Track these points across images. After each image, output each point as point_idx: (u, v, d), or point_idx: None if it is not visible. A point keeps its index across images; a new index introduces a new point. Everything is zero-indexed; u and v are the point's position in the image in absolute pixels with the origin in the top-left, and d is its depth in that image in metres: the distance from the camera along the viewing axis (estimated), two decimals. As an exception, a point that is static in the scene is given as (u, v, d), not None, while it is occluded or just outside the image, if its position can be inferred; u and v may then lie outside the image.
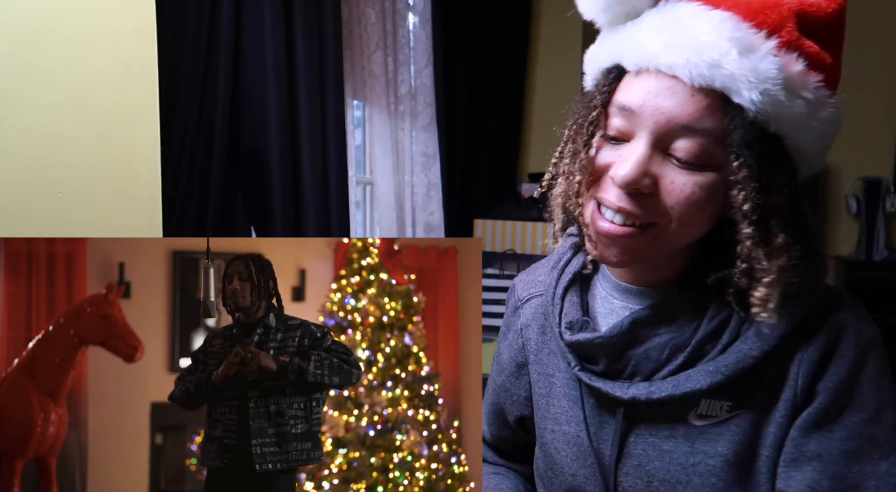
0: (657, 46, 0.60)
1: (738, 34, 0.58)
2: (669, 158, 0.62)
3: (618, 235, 0.64)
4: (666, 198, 0.62)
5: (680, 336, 0.67)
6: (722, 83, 0.58)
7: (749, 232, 0.60)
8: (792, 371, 0.65)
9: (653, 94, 0.61)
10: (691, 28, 0.59)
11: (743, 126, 0.58)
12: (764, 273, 0.61)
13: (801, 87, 0.59)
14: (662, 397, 0.66)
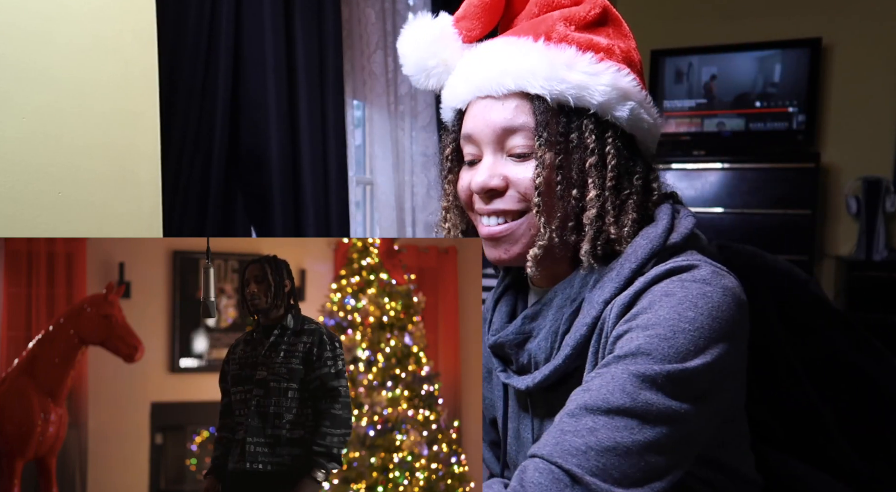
0: (464, 82, 0.77)
1: (513, 47, 0.74)
2: (510, 157, 0.75)
3: (497, 234, 0.76)
4: (518, 188, 0.74)
5: (556, 322, 0.75)
6: (515, 84, 0.73)
7: (536, 201, 0.71)
8: (605, 317, 0.70)
9: (479, 115, 0.76)
10: (481, 58, 0.77)
11: (545, 111, 0.72)
12: (580, 228, 0.73)
13: (576, 65, 0.72)
14: (541, 381, 0.74)
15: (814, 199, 3.34)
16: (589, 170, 0.73)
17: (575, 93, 0.71)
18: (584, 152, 0.73)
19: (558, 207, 0.73)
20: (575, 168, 0.73)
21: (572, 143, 0.73)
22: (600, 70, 0.72)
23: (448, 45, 0.80)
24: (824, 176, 3.57)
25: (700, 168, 3.48)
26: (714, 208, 3.44)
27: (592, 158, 0.72)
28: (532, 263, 0.73)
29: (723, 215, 3.42)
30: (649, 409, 0.61)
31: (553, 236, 0.72)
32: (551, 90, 0.71)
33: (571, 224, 0.74)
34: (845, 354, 0.83)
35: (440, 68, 0.81)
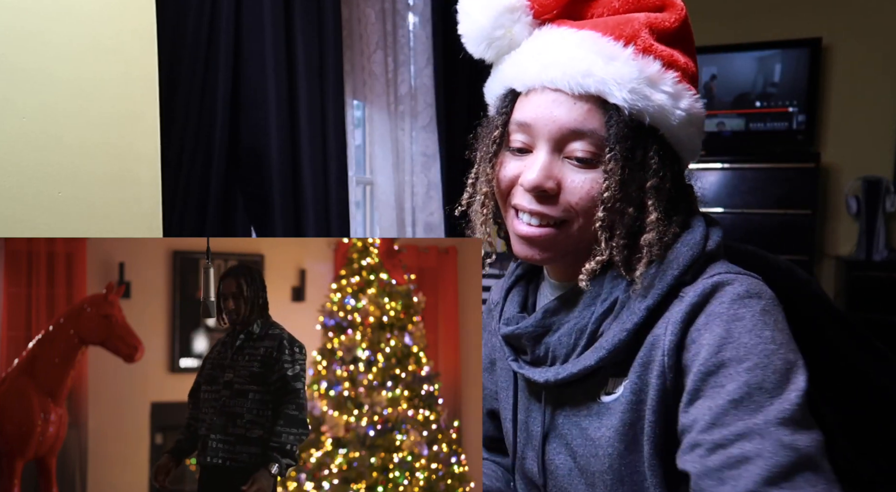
0: (537, 68, 0.72)
1: (599, 47, 0.70)
2: (567, 160, 0.72)
3: (535, 236, 0.73)
4: (570, 196, 0.71)
5: (582, 320, 0.75)
6: (596, 88, 0.69)
7: (600, 215, 0.70)
8: (659, 333, 0.70)
9: (543, 107, 0.72)
10: (562, 47, 0.71)
11: (618, 123, 0.69)
12: (637, 246, 0.71)
13: (660, 83, 0.70)
14: (566, 377, 0.73)
15: (814, 199, 3.34)
16: (648, 191, 0.71)
17: (654, 112, 0.69)
18: (646, 173, 0.71)
19: (617, 224, 0.71)
20: (635, 187, 0.70)
21: (636, 160, 0.70)
22: (680, 93, 0.71)
23: (519, 17, 0.74)
24: (824, 176, 3.57)
25: (700, 168, 3.48)
26: (714, 208, 3.44)
27: (654, 180, 0.71)
28: (587, 278, 0.71)
29: (723, 215, 3.42)
30: (810, 445, 0.62)
31: (613, 254, 0.71)
32: (633, 105, 0.68)
33: (624, 242, 0.72)
34: (846, 354, 0.82)
35: (504, 41, 0.75)
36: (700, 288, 0.69)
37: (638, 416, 0.71)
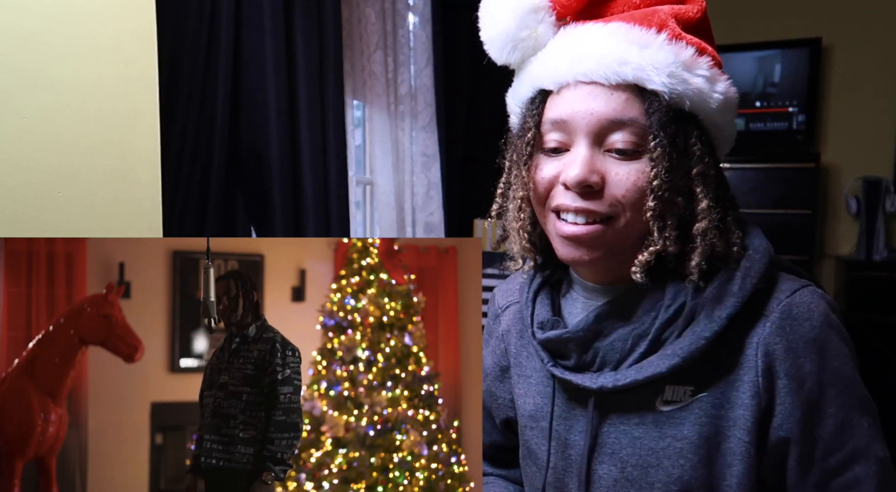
0: (568, 62, 0.70)
1: (631, 36, 0.68)
2: (608, 154, 0.69)
3: (583, 235, 0.70)
4: (615, 190, 0.68)
5: (641, 325, 0.72)
6: (634, 75, 0.67)
7: (651, 205, 0.67)
8: (749, 354, 0.69)
9: (578, 101, 0.69)
10: (592, 40, 0.70)
11: (659, 109, 0.67)
12: (689, 238, 0.69)
13: (695, 67, 0.69)
14: (627, 384, 0.70)
15: (814, 199, 3.34)
16: (695, 178, 0.69)
17: (693, 96, 0.68)
18: (690, 160, 0.69)
19: (668, 214, 0.68)
20: (681, 175, 0.69)
21: (678, 147, 0.68)
22: (715, 77, 0.70)
23: (543, 17, 0.73)
24: (824, 176, 3.57)
25: (700, 168, 3.47)
26: (714, 208, 3.43)
27: (699, 167, 0.69)
28: (641, 270, 0.69)
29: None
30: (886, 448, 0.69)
31: (667, 244, 0.68)
32: (672, 89, 0.67)
33: (676, 233, 0.69)
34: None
35: (529, 42, 0.74)
36: (787, 308, 0.69)
37: (716, 430, 0.70)
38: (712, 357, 0.69)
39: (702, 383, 0.70)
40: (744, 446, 0.69)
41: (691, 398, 0.71)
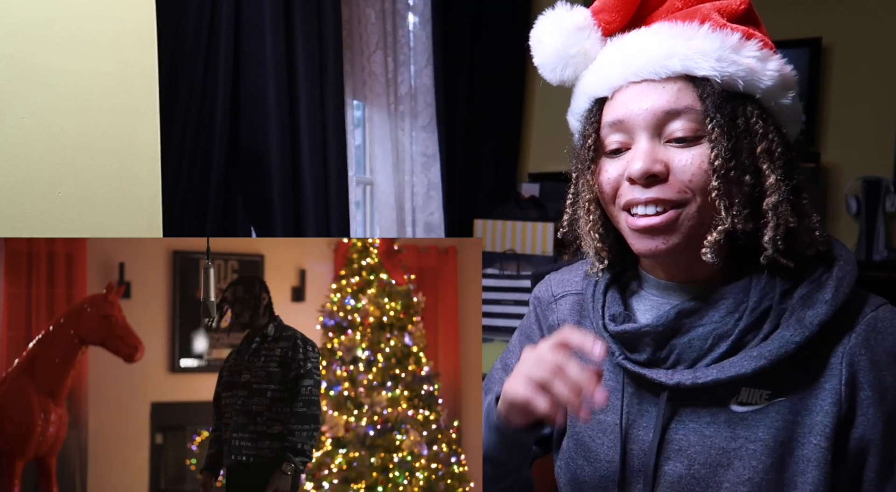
0: (618, 65, 0.74)
1: (675, 31, 0.72)
2: (669, 144, 0.71)
3: (657, 225, 0.71)
4: (682, 176, 0.70)
5: (723, 326, 0.72)
6: (682, 66, 0.70)
7: (716, 184, 0.68)
8: (834, 362, 0.70)
9: (632, 100, 0.72)
10: (638, 41, 0.74)
11: (712, 93, 0.69)
12: (762, 214, 0.70)
13: (744, 49, 0.71)
14: (708, 382, 0.71)
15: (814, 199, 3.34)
16: (760, 155, 0.70)
17: (745, 76, 0.70)
18: (754, 138, 0.70)
19: (735, 192, 0.69)
20: (745, 154, 0.70)
21: (739, 128, 0.70)
22: (767, 56, 0.72)
23: (590, 34, 0.77)
24: (824, 176, 3.57)
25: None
26: (714, 208, 3.43)
27: (763, 144, 0.70)
28: (711, 250, 0.69)
29: (723, 215, 3.41)
30: None
31: (735, 222, 0.69)
32: (722, 72, 0.69)
33: (747, 211, 0.70)
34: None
35: (580, 58, 0.78)
36: (872, 321, 0.71)
37: (791, 436, 0.71)
38: (794, 362, 0.70)
39: (780, 388, 0.71)
40: (821, 453, 0.69)
41: (768, 402, 0.71)
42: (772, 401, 0.71)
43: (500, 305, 2.95)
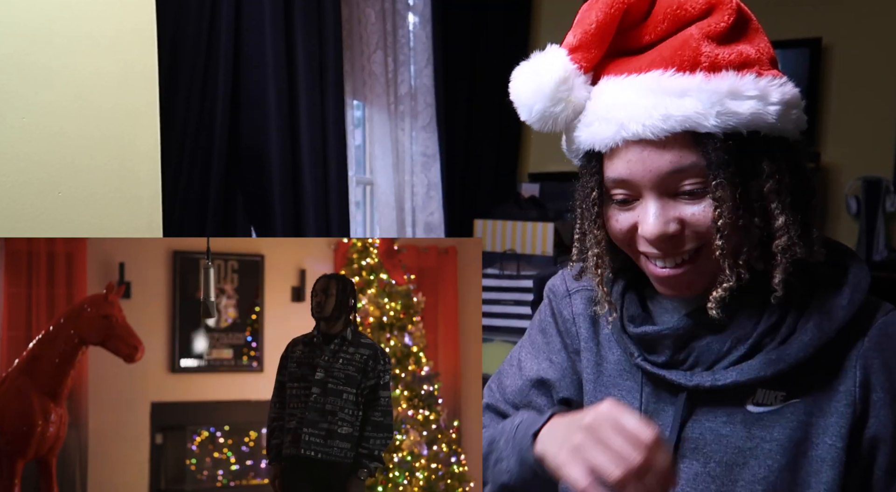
0: (613, 129, 0.69)
1: (665, 86, 0.67)
2: (679, 198, 0.69)
3: (676, 276, 0.71)
4: (696, 228, 0.69)
5: (741, 330, 0.73)
6: (681, 126, 0.66)
7: (719, 244, 0.67)
8: (848, 365, 0.72)
9: (634, 161, 0.69)
10: (629, 100, 0.68)
11: (716, 149, 0.66)
12: (771, 256, 0.69)
13: (742, 91, 0.66)
14: (728, 384, 0.71)
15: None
16: (769, 195, 0.68)
17: (747, 122, 0.66)
18: (761, 178, 0.68)
19: (744, 243, 0.69)
20: (754, 197, 0.68)
21: (746, 172, 0.67)
22: (766, 90, 0.67)
23: (572, 83, 0.72)
24: (824, 176, 3.57)
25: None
26: (714, 208, 3.43)
27: (770, 183, 0.68)
28: (716, 307, 0.69)
29: (723, 215, 3.41)
30: None
31: (741, 275, 0.68)
32: (724, 126, 0.65)
33: (757, 253, 0.70)
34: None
35: (568, 111, 0.73)
36: (884, 325, 0.73)
37: (806, 436, 0.72)
38: (809, 365, 0.71)
39: (795, 389, 0.72)
40: (835, 453, 0.71)
41: (783, 403, 0.73)
42: (787, 402, 0.72)
43: (500, 305, 2.95)
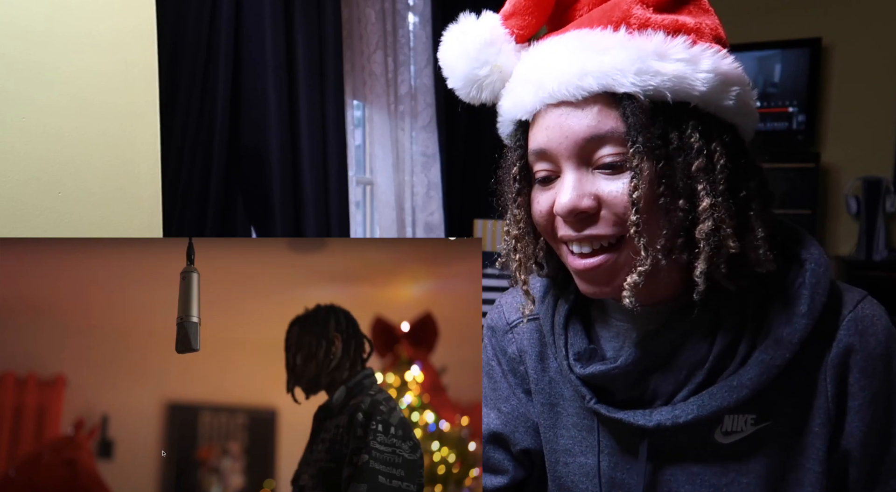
0: (532, 89, 0.64)
1: (587, 42, 0.62)
2: (599, 172, 0.62)
3: (593, 267, 0.64)
4: (614, 208, 0.61)
5: (696, 353, 0.66)
6: (598, 84, 0.60)
7: (633, 219, 0.60)
8: (818, 376, 0.65)
9: (552, 127, 0.63)
10: (549, 59, 0.64)
11: (635, 112, 0.59)
12: (695, 244, 0.61)
13: (669, 53, 0.60)
14: (689, 420, 0.64)
15: (814, 199, 3.34)
16: (696, 175, 0.60)
17: (672, 85, 0.59)
18: (689, 154, 0.60)
19: (663, 224, 0.61)
20: (679, 175, 0.60)
21: (672, 145, 0.60)
22: (697, 54, 0.60)
23: (500, 47, 0.68)
24: (824, 176, 3.57)
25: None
26: (714, 208, 3.43)
27: (699, 161, 0.60)
28: (630, 293, 0.61)
29: (723, 215, 3.42)
30: None
31: (658, 259, 0.60)
32: (644, 86, 0.59)
33: (681, 241, 0.61)
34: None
35: (494, 77, 0.69)
36: (852, 323, 0.65)
37: (782, 460, 0.66)
38: (777, 383, 0.64)
39: (765, 411, 0.65)
40: (815, 476, 0.65)
41: (754, 427, 0.66)
42: (758, 426, 0.66)
43: (500, 305, 2.95)
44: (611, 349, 0.72)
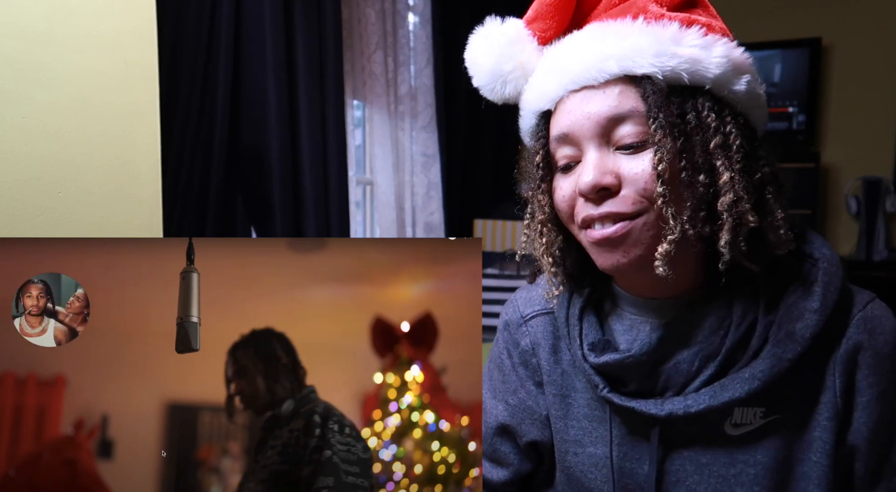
0: (556, 76, 0.69)
1: (608, 32, 0.67)
2: (619, 152, 0.66)
3: (613, 234, 0.66)
4: (635, 185, 0.65)
5: (709, 345, 0.68)
6: (619, 67, 0.65)
7: (660, 191, 0.63)
8: (827, 372, 0.67)
9: (574, 110, 0.67)
10: (571, 48, 0.69)
11: (655, 92, 0.64)
12: (718, 217, 0.65)
13: (683, 39, 0.65)
14: (701, 410, 0.66)
15: (814, 199, 3.34)
16: (714, 152, 0.64)
17: (688, 68, 0.63)
18: (706, 133, 0.64)
19: (687, 196, 0.63)
20: (698, 152, 0.64)
21: (690, 124, 0.64)
22: (711, 42, 0.65)
23: (524, 47, 0.72)
24: (824, 176, 3.57)
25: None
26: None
27: (717, 139, 0.64)
28: (663, 262, 0.63)
29: (723, 215, 3.42)
30: None
31: (686, 228, 0.63)
32: (662, 67, 0.63)
33: (703, 214, 0.64)
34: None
35: (517, 73, 0.73)
36: (862, 322, 0.67)
37: (790, 453, 0.68)
38: (787, 377, 0.66)
39: (774, 405, 0.67)
40: (822, 470, 0.67)
41: (763, 420, 0.68)
42: (767, 419, 0.68)
43: (500, 305, 2.95)
44: (624, 342, 0.74)
